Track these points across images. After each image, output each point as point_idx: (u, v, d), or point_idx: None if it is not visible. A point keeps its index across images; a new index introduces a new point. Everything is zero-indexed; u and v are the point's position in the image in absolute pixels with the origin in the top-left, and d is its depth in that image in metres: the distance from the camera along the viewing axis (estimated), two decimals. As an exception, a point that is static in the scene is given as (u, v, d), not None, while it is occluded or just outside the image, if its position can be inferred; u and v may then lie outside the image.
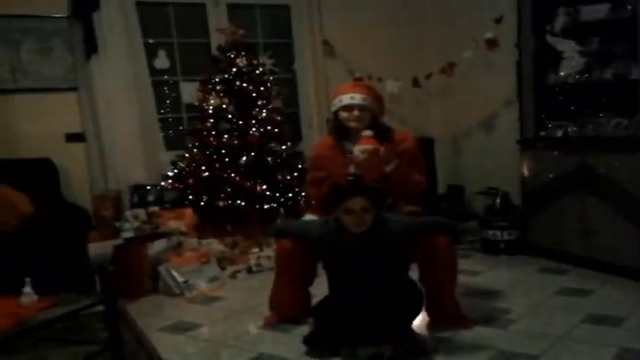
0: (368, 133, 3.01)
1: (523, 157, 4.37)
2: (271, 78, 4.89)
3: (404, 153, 3.09)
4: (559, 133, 4.09)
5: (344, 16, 5.38)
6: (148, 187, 4.56)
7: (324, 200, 3.04)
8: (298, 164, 4.71)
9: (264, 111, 4.63)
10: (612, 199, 3.73)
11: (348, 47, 5.38)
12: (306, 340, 2.86)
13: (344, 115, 3.03)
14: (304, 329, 3.05)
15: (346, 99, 3.04)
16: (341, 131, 3.12)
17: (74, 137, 4.57)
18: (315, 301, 3.07)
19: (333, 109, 3.12)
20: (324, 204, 3.03)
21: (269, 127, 4.61)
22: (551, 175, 4.12)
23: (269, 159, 4.56)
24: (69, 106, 4.55)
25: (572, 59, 4.02)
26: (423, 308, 2.95)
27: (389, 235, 2.76)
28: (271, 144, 4.61)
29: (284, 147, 4.69)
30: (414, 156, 3.13)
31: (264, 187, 4.44)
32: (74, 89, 4.55)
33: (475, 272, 4.06)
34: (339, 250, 2.80)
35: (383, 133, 3.08)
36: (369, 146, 2.96)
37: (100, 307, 2.70)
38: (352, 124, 3.03)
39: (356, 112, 3.00)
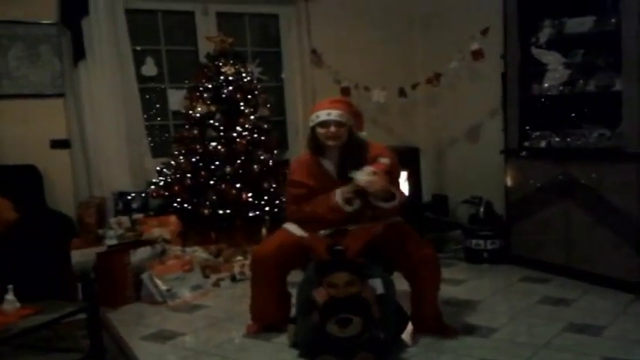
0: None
1: (507, 167, 4.41)
2: (259, 86, 4.91)
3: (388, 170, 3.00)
4: (542, 144, 4.13)
5: (332, 26, 5.40)
6: (133, 195, 4.55)
7: (302, 219, 3.10)
8: (284, 172, 4.70)
9: (251, 119, 4.64)
10: (594, 209, 3.76)
11: (335, 57, 5.39)
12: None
13: (321, 131, 3.01)
14: (286, 338, 3.08)
15: (323, 115, 3.00)
16: (317, 148, 3.11)
17: (59, 144, 4.55)
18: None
19: (311, 124, 3.07)
20: (302, 222, 3.11)
21: (256, 135, 4.61)
22: (534, 185, 4.16)
23: (255, 167, 4.56)
24: (55, 112, 4.53)
25: (556, 71, 4.06)
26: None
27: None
28: (258, 152, 4.61)
29: (270, 155, 4.70)
30: (393, 171, 3.07)
31: (250, 195, 4.44)
32: (61, 95, 4.53)
33: (458, 281, 4.08)
34: None
35: (358, 149, 3.04)
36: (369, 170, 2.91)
37: (83, 315, 2.69)
38: (329, 142, 3.00)
39: (332, 129, 2.96)
